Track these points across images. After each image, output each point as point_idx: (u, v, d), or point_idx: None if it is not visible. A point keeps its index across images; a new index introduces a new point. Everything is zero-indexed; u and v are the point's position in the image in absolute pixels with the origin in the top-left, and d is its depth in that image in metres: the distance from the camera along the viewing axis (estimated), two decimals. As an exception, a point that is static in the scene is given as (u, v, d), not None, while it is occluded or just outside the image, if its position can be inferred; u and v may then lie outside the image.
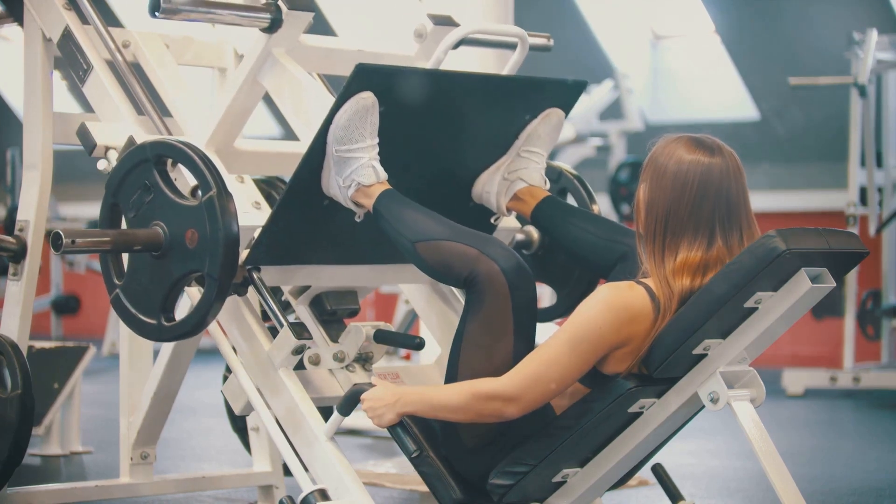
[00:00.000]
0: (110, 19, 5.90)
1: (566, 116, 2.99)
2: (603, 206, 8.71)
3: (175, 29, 3.40)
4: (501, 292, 2.59)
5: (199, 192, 2.66)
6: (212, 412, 5.70)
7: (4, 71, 11.04)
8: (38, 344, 4.52)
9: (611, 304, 2.48)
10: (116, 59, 3.09)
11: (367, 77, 2.68)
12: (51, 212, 8.47)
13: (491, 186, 2.97)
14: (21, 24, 3.28)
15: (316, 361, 2.83)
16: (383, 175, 2.73)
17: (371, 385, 2.68)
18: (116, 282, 2.78)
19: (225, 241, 2.60)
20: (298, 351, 2.75)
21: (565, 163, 8.57)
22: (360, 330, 2.83)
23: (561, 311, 3.24)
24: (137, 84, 3.06)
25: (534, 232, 3.24)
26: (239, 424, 3.79)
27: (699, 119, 8.71)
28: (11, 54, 10.74)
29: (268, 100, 3.21)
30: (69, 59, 3.13)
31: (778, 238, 2.39)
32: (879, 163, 6.94)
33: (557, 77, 2.99)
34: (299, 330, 2.75)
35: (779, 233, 2.40)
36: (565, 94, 2.98)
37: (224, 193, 2.62)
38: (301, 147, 2.82)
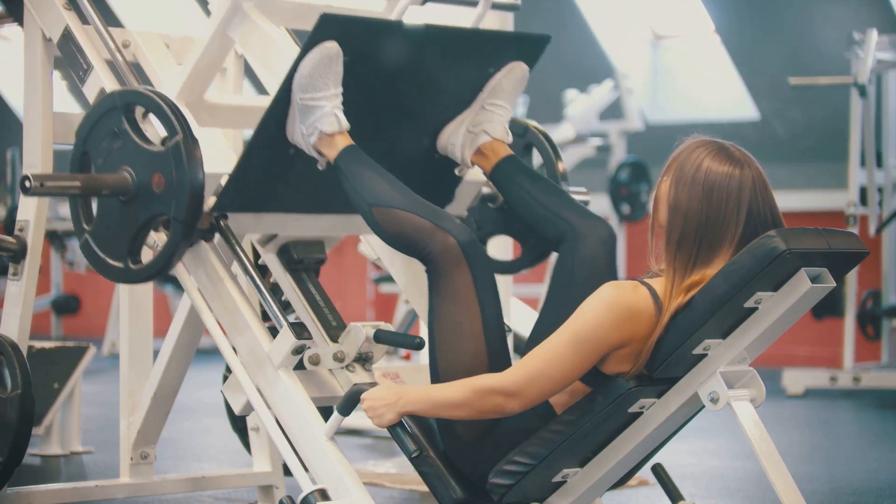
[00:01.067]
0: (110, 19, 5.90)
1: (530, 70, 3.02)
2: (603, 205, 8.73)
3: (175, 29, 3.41)
4: (458, 264, 2.65)
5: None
6: (212, 412, 5.70)
7: (4, 71, 11.04)
8: (38, 344, 4.52)
9: (614, 303, 2.48)
10: (116, 59, 3.09)
11: (332, 26, 2.73)
12: (51, 212, 8.47)
13: (456, 138, 3.01)
14: (21, 24, 3.28)
15: (316, 361, 2.83)
16: (345, 124, 2.77)
17: (371, 385, 2.69)
18: (85, 227, 2.86)
19: (190, 184, 2.68)
20: (298, 351, 2.76)
21: (565, 162, 8.62)
22: (360, 330, 2.84)
23: (525, 263, 3.29)
24: (137, 84, 3.06)
25: None
26: (239, 424, 3.79)
27: (699, 119, 8.71)
28: (11, 54, 10.74)
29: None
30: (69, 59, 3.13)
31: (778, 238, 2.39)
32: (879, 163, 6.94)
33: (523, 31, 3.03)
34: (299, 330, 2.76)
35: (779, 233, 2.40)
36: (529, 49, 3.02)
37: (190, 139, 2.70)
38: (270, 100, 2.85)
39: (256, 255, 3.11)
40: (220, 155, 2.92)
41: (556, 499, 2.66)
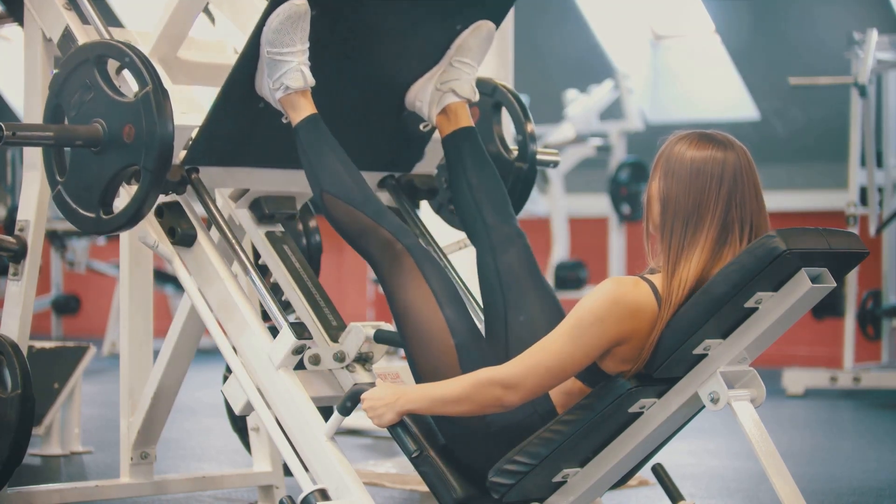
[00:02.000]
0: (110, 19, 5.89)
1: (496, 28, 3.04)
2: (603, 206, 8.73)
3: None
4: (397, 252, 2.74)
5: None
6: (212, 412, 5.70)
7: (4, 71, 11.04)
8: (38, 344, 4.52)
9: (614, 298, 2.49)
10: (116, 59, 3.09)
11: None
12: (51, 212, 8.46)
13: (423, 95, 3.03)
14: (21, 24, 3.28)
15: (316, 361, 2.83)
16: (311, 80, 2.80)
17: (371, 385, 2.69)
18: (58, 178, 2.90)
19: (160, 134, 2.71)
20: (298, 351, 2.76)
21: (566, 162, 8.62)
22: (360, 330, 2.84)
23: None
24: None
25: None
26: (239, 424, 3.78)
27: (699, 119, 8.71)
28: (11, 54, 10.73)
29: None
30: (69, 59, 3.13)
31: (778, 238, 2.39)
32: (879, 163, 6.93)
33: None
34: (299, 330, 2.76)
35: (779, 233, 2.40)
36: (495, 6, 3.03)
37: (160, 91, 2.73)
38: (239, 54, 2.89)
39: (257, 256, 3.11)
40: (191, 109, 2.96)
41: (556, 498, 2.66)
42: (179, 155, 2.88)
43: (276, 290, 3.06)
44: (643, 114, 8.95)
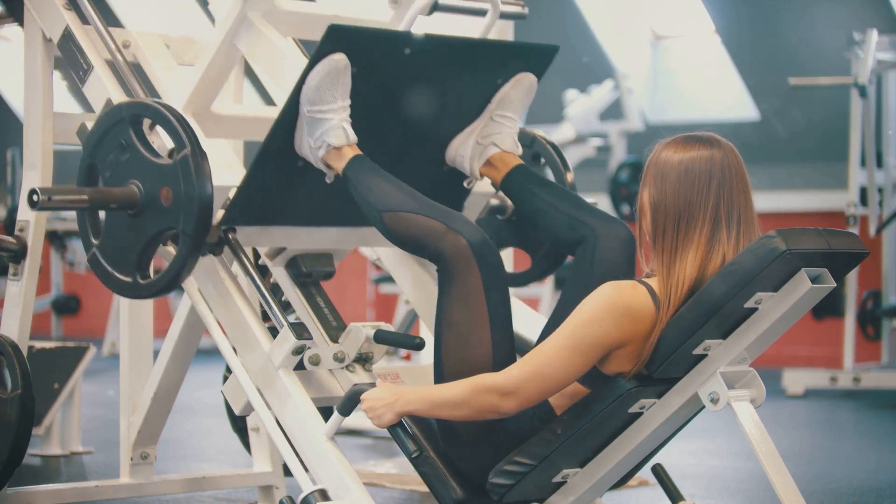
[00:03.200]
0: (110, 19, 5.89)
1: (538, 80, 3.02)
2: (603, 206, 8.72)
3: (175, 29, 3.41)
4: (469, 265, 2.64)
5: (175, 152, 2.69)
6: (212, 412, 5.70)
7: (4, 71, 11.04)
8: (38, 344, 4.52)
9: (613, 303, 2.48)
10: (116, 59, 3.09)
11: (340, 38, 2.71)
12: (51, 212, 8.46)
13: (464, 150, 3.00)
14: (21, 24, 3.28)
15: (316, 361, 2.83)
16: (353, 137, 2.76)
17: (371, 385, 2.69)
18: (93, 241, 2.84)
19: (199, 198, 2.65)
20: (298, 351, 2.76)
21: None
22: (360, 330, 2.83)
23: (535, 275, 3.29)
24: (137, 84, 3.07)
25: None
26: (239, 424, 3.79)
27: (699, 119, 8.71)
28: (11, 54, 10.74)
29: (250, 74, 3.23)
30: (69, 59, 3.13)
31: (778, 238, 2.39)
32: (879, 163, 6.94)
33: (530, 41, 3.02)
34: (299, 330, 2.75)
35: (779, 233, 2.40)
36: (537, 59, 3.01)
37: (198, 152, 2.67)
38: (277, 111, 2.84)
39: (256, 256, 3.11)
40: (228, 167, 2.90)
41: (556, 499, 2.66)
42: (217, 215, 2.82)
43: (275, 290, 3.06)
44: (643, 114, 8.95)
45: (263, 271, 3.08)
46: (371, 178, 2.74)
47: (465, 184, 3.06)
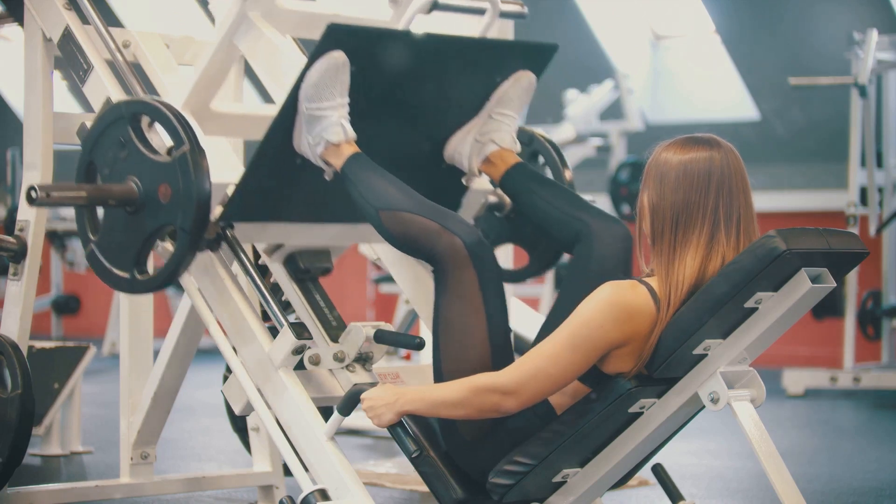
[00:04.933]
0: (110, 19, 5.89)
1: (538, 79, 3.02)
2: (603, 206, 8.71)
3: (175, 29, 3.41)
4: (465, 265, 2.65)
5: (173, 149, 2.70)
6: (212, 412, 5.70)
7: (4, 71, 11.04)
8: (38, 344, 4.52)
9: (612, 302, 2.48)
10: (116, 59, 3.09)
11: (339, 36, 2.72)
12: (51, 212, 8.47)
13: (463, 148, 3.00)
14: (21, 24, 3.28)
15: (316, 361, 2.83)
16: (352, 134, 2.77)
17: (371, 385, 2.69)
18: (91, 237, 2.84)
19: (197, 194, 2.66)
20: (298, 351, 2.76)
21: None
22: (360, 330, 2.83)
23: (533, 271, 3.29)
24: (137, 84, 3.07)
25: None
26: (239, 424, 3.79)
27: (699, 119, 8.71)
28: (11, 54, 10.74)
29: (250, 73, 3.23)
30: (69, 59, 3.13)
31: (778, 238, 2.39)
32: (879, 163, 6.94)
33: (529, 40, 3.02)
34: (299, 330, 2.76)
35: (779, 233, 2.40)
36: (536, 57, 3.02)
37: (197, 149, 2.67)
38: (277, 110, 2.84)
39: (256, 255, 3.11)
40: (226, 164, 2.91)
41: (556, 499, 2.66)
42: (215, 211, 2.83)
43: (276, 290, 3.06)
44: (643, 114, 8.95)
45: (263, 271, 3.08)
46: (369, 176, 2.75)
47: (463, 181, 3.06)
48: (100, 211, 2.84)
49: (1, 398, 3.09)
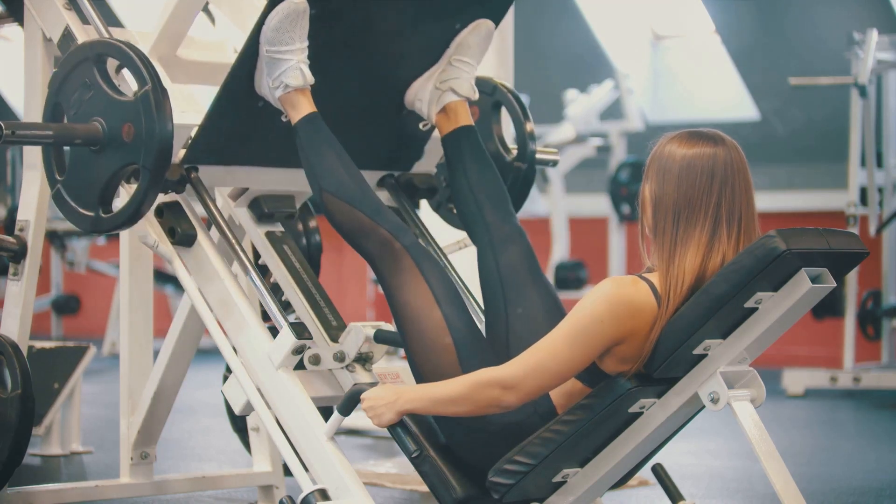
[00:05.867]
0: (110, 19, 5.89)
1: (496, 27, 3.04)
2: (603, 206, 8.73)
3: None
4: (400, 255, 2.74)
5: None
6: (212, 412, 5.70)
7: (4, 71, 11.04)
8: (38, 344, 4.52)
9: (613, 298, 2.48)
10: (116, 59, 3.09)
11: None
12: (51, 212, 8.46)
13: (423, 94, 3.03)
14: (21, 24, 3.28)
15: (316, 361, 2.83)
16: (310, 78, 2.81)
17: (371, 384, 2.69)
18: (58, 177, 2.90)
19: (159, 133, 2.71)
20: (298, 351, 2.76)
21: (565, 162, 8.62)
22: (360, 330, 2.84)
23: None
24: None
25: None
26: (239, 424, 3.79)
27: (699, 119, 8.71)
28: (11, 54, 10.73)
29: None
30: (69, 59, 3.12)
31: (778, 238, 2.39)
32: (879, 163, 6.94)
33: None
34: (299, 330, 2.76)
35: (779, 233, 2.40)
36: (495, 5, 3.03)
37: (159, 90, 2.73)
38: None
39: (257, 256, 3.11)
40: (190, 107, 2.96)
41: (556, 499, 2.66)
42: (179, 154, 2.88)
43: (276, 290, 3.06)
44: (643, 114, 8.95)
45: (263, 271, 3.08)
46: (320, 146, 2.81)
47: (421, 126, 3.11)
48: (68, 153, 2.89)
49: (1, 398, 3.09)
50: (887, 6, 7.72)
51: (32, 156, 3.25)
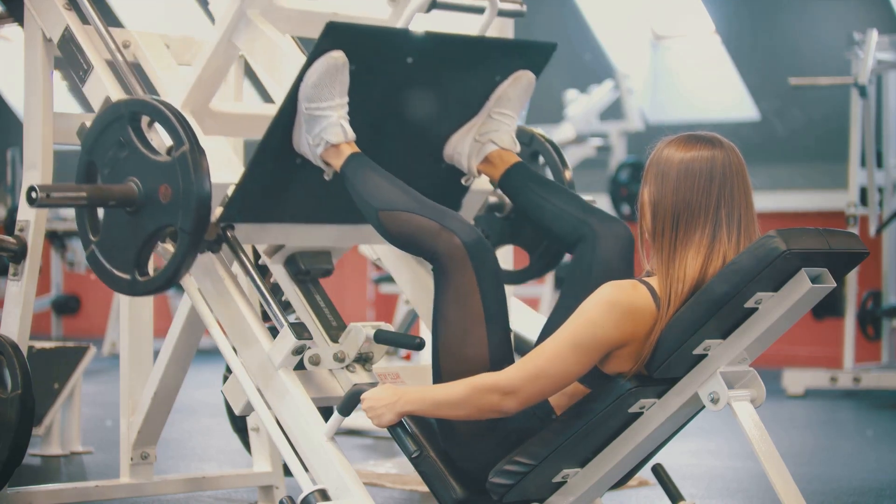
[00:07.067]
0: (110, 19, 5.90)
1: (536, 78, 3.02)
2: (603, 206, 8.72)
3: (175, 29, 3.40)
4: (464, 265, 2.65)
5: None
6: (212, 412, 5.70)
7: (4, 71, 11.04)
8: (38, 344, 4.52)
9: (613, 302, 2.48)
10: (116, 59, 3.09)
11: (338, 35, 2.72)
12: (51, 212, 8.47)
13: (462, 147, 3.00)
14: (21, 24, 3.28)
15: (316, 361, 2.83)
16: (351, 134, 2.77)
17: (371, 385, 2.69)
18: (92, 238, 2.84)
19: (197, 195, 2.65)
20: (298, 351, 2.76)
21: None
22: (360, 330, 2.83)
23: (533, 272, 3.28)
24: (137, 84, 3.07)
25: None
26: (239, 424, 3.79)
27: (699, 119, 8.72)
28: (11, 54, 10.74)
29: (250, 73, 3.24)
30: (69, 60, 3.13)
31: (778, 238, 2.39)
32: (879, 163, 6.94)
33: (528, 39, 3.02)
34: (299, 330, 2.75)
35: (779, 233, 2.40)
36: (535, 56, 3.02)
37: (197, 149, 2.67)
38: (276, 109, 2.84)
39: (256, 256, 3.11)
40: (226, 164, 2.90)
41: (556, 499, 2.66)
42: (215, 212, 2.82)
43: (275, 290, 3.06)
44: (643, 114, 8.95)
45: (263, 271, 3.08)
46: (368, 175, 2.74)
47: (462, 181, 3.06)
48: (100, 212, 2.84)
49: (1, 398, 3.09)
50: (887, 6, 7.72)
51: (33, 156, 3.25)
